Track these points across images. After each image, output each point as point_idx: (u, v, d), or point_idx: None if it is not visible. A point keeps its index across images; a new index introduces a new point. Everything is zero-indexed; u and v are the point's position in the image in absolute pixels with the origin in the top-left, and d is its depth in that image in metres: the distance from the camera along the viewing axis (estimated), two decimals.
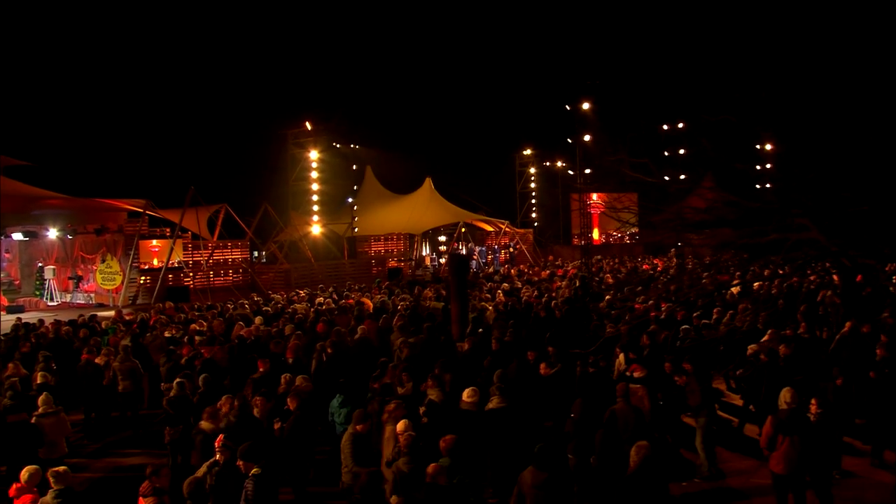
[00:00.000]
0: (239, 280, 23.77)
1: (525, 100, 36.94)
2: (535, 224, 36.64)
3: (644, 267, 22.16)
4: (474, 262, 30.14)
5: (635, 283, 16.12)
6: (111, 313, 17.56)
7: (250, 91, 27.51)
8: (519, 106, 37.61)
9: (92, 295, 22.55)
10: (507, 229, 32.97)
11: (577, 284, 16.46)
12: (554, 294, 15.90)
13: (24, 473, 5.04)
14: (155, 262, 22.79)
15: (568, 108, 19.34)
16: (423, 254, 33.14)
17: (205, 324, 12.87)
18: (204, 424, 6.29)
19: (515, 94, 37.46)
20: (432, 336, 10.24)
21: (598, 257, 29.29)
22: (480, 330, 11.02)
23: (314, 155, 24.57)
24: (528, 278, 20.49)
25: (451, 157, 36.56)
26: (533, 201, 36.90)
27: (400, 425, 5.71)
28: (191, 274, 22.67)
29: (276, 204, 25.89)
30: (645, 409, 6.83)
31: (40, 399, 7.38)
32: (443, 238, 35.24)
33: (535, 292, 16.12)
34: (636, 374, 7.21)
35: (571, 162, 37.07)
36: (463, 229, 32.48)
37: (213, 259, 22.72)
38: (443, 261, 31.96)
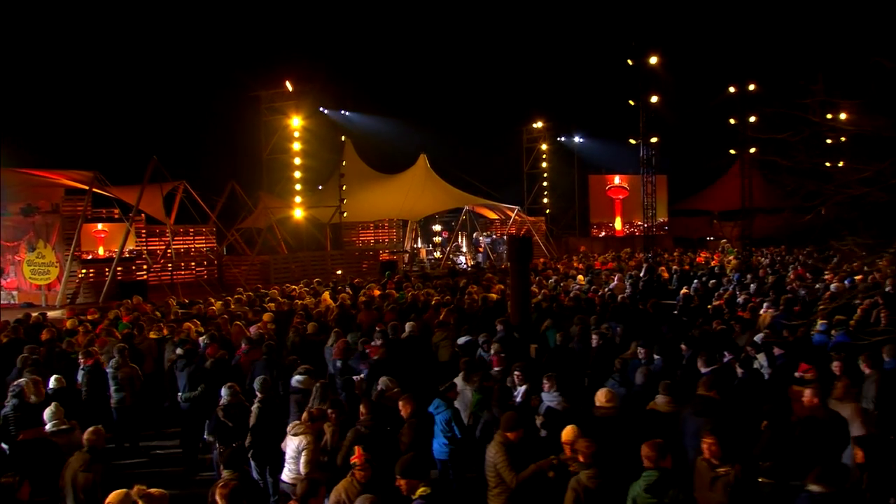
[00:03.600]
0: (203, 274, 22.98)
1: (536, 62, 36.57)
2: (547, 211, 36.57)
3: (698, 260, 22.30)
4: (480, 254, 30.00)
5: (705, 276, 16.21)
6: (57, 313, 16.72)
7: (214, 42, 26.38)
8: (528, 70, 37.01)
9: (14, 293, 21.42)
10: (516, 217, 32.80)
11: (644, 276, 16.45)
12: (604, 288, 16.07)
13: (113, 499, 4.52)
14: (101, 250, 21.83)
15: (631, 62, 19.09)
16: (418, 245, 32.75)
17: (199, 323, 12.50)
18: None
19: (523, 54, 37.03)
20: (509, 333, 10.14)
21: (628, 250, 29.40)
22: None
23: (296, 123, 23.87)
24: (565, 272, 20.39)
25: (445, 129, 36.05)
26: (544, 184, 36.78)
27: (569, 433, 5.44)
28: (145, 266, 21.77)
29: (246, 182, 25.20)
30: (820, 417, 6.66)
31: (48, 412, 6.82)
32: (437, 227, 34.93)
33: (588, 286, 16.11)
34: (808, 376, 7.02)
35: (592, 138, 37.20)
36: (463, 217, 32.22)
37: (174, 248, 21.85)
38: (438, 254, 31.71)
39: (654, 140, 20.55)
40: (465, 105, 36.93)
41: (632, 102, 19.98)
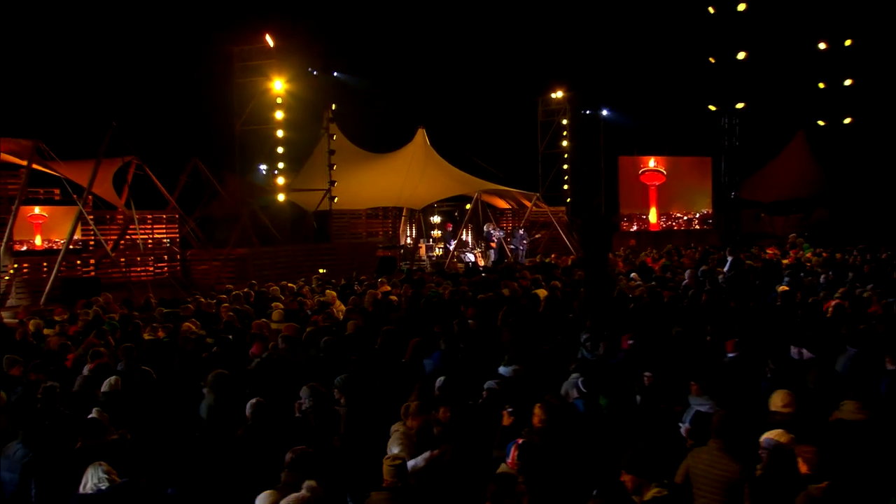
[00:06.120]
0: (164, 270, 22.80)
1: (555, 17, 36.51)
2: (568, 199, 36.82)
3: (766, 256, 22.74)
4: (493, 250, 30.11)
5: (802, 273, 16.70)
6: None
7: None
8: (545, 26, 36.92)
9: None
10: (534, 207, 33.04)
11: (729, 272, 16.90)
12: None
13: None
14: (38, 240, 21.54)
15: (712, 10, 19.10)
16: (414, 239, 32.76)
17: (198, 323, 12.63)
18: None
19: (539, 7, 36.93)
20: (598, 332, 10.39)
21: (670, 246, 29.72)
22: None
23: (278, 86, 23.74)
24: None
25: (442, 97, 36.07)
26: (564, 167, 37.02)
27: (779, 437, 5.61)
28: (92, 261, 21.54)
29: (214, 159, 25.05)
30: None
31: (99, 417, 6.78)
32: (436, 218, 34.89)
33: (653, 283, 16.56)
34: None
35: (623, 111, 37.48)
36: (467, 206, 32.28)
37: (132, 237, 21.66)
38: (438, 252, 31.72)
39: (739, 106, 20.62)
40: (465, 67, 36.76)
41: (712, 60, 20.02)
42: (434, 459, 6.33)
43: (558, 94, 36.42)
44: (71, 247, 20.83)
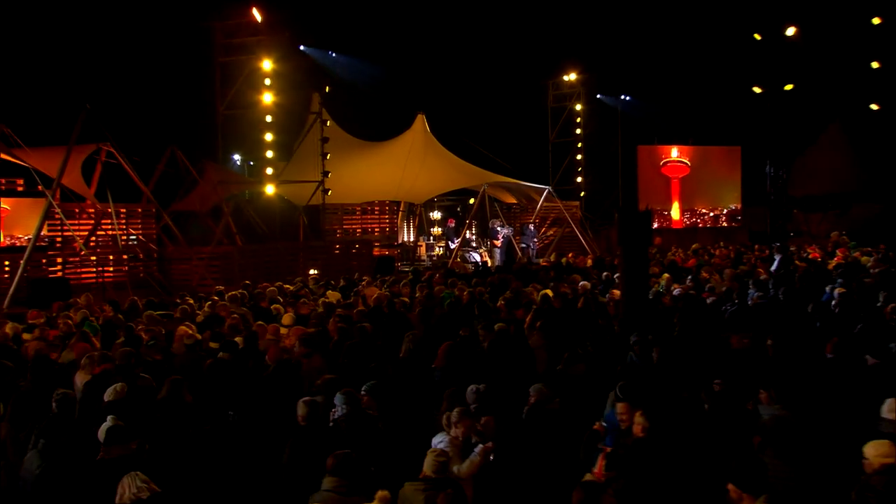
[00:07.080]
0: (139, 269, 22.73)
1: None
2: (582, 193, 36.90)
3: (812, 256, 22.98)
4: (498, 249, 30.18)
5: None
6: None
7: None
8: (556, 2, 36.90)
9: None
10: (544, 202, 33.09)
11: (778, 271, 17.11)
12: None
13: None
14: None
15: None
16: (409, 237, 32.84)
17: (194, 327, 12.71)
18: None
19: None
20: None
21: (696, 246, 29.90)
22: None
23: (267, 66, 23.72)
24: None
25: (442, 81, 36.07)
26: (578, 157, 37.08)
27: (886, 447, 5.71)
28: (59, 260, 21.46)
29: (194, 147, 24.95)
30: None
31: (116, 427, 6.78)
32: (436, 214, 34.94)
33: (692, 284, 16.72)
34: None
35: (643, 98, 37.52)
36: (471, 201, 32.36)
37: (107, 232, 21.62)
38: (438, 251, 31.77)
39: (788, 88, 20.65)
40: (469, 47, 36.68)
41: (758, 37, 20.00)
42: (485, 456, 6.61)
43: (571, 77, 36.45)
44: (45, 242, 20.88)
